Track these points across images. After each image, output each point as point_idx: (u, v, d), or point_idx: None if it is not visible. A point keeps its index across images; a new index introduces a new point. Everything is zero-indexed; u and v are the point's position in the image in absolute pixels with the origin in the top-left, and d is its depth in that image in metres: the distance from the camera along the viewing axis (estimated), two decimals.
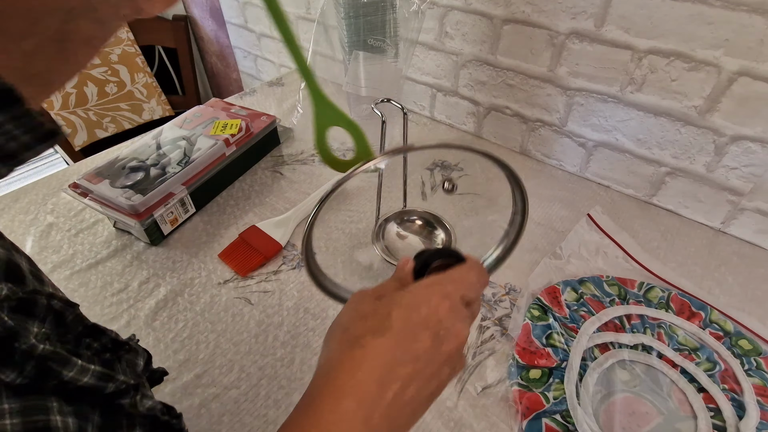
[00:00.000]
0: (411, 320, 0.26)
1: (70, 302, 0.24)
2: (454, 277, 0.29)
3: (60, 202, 0.71)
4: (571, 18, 0.61)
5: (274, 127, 0.80)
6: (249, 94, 1.01)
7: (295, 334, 0.51)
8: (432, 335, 0.26)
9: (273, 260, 0.60)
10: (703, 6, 0.51)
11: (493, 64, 0.74)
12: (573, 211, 0.66)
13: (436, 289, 0.28)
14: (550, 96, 0.70)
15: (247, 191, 0.72)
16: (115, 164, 0.65)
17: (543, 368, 0.46)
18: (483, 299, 0.54)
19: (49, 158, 2.29)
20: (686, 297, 0.52)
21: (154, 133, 0.72)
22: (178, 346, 0.50)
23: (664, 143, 0.62)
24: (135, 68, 1.38)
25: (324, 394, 0.24)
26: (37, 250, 0.62)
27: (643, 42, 0.57)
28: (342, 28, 0.64)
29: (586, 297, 0.52)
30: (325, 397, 0.24)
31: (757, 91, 0.51)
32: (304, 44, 1.20)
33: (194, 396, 0.45)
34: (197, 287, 0.57)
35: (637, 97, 0.61)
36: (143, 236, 0.62)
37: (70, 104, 1.28)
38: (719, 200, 0.61)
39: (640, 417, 0.42)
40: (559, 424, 0.41)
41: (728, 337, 0.48)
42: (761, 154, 0.55)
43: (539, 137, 0.75)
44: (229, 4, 1.23)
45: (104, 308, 0.54)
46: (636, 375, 0.45)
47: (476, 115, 0.82)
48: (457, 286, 0.29)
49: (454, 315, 0.27)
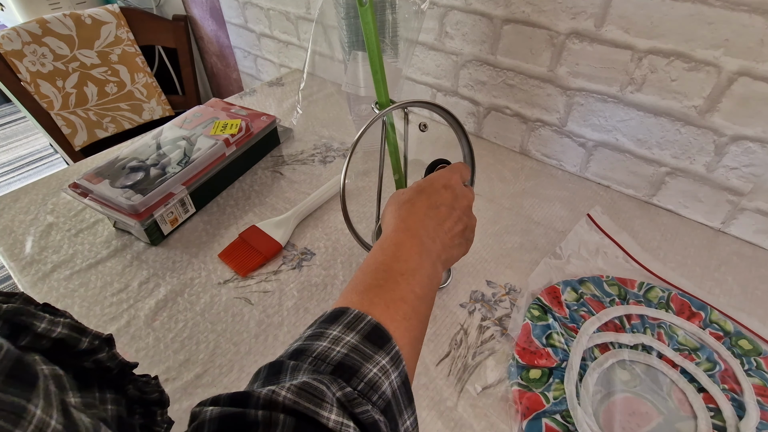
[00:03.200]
0: (435, 185, 0.40)
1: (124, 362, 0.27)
2: (452, 167, 0.44)
3: (60, 202, 0.71)
4: (571, 18, 0.61)
5: (274, 127, 0.80)
6: (249, 94, 1.01)
7: (295, 334, 0.51)
8: (450, 193, 0.40)
9: (273, 260, 0.60)
10: (703, 6, 0.51)
11: (493, 64, 0.74)
12: (573, 211, 0.66)
13: (443, 172, 0.42)
14: (550, 96, 0.70)
15: (247, 191, 0.72)
16: (115, 164, 0.65)
17: (543, 368, 0.46)
18: (483, 299, 0.54)
19: (49, 158, 2.29)
20: (686, 297, 0.52)
21: (154, 133, 0.72)
22: (178, 346, 0.50)
23: (664, 143, 0.62)
24: (135, 68, 1.38)
25: (397, 230, 0.36)
26: (37, 250, 0.62)
27: (643, 42, 0.57)
28: (342, 28, 0.64)
29: (586, 297, 0.52)
30: (398, 232, 0.36)
31: (757, 91, 0.51)
32: (304, 44, 1.21)
33: (194, 396, 0.45)
34: (197, 287, 0.57)
35: (637, 97, 0.61)
36: (143, 236, 0.62)
37: (70, 104, 1.28)
38: (719, 200, 0.61)
39: (640, 417, 0.42)
40: (559, 424, 0.41)
41: (728, 337, 0.48)
42: (761, 154, 0.55)
43: (539, 137, 0.75)
44: (229, 4, 1.23)
45: (104, 308, 0.54)
46: (636, 375, 0.45)
47: (476, 115, 0.82)
48: (454, 171, 0.43)
49: (459, 183, 0.42)
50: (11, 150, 2.34)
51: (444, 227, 0.38)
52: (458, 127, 0.47)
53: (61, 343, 0.23)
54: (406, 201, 0.39)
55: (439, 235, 0.37)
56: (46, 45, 1.22)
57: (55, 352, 0.23)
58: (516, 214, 0.66)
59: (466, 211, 0.41)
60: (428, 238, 0.36)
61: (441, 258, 0.37)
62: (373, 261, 0.33)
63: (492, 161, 0.78)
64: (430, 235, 0.36)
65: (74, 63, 1.27)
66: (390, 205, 0.40)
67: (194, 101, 1.48)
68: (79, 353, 0.24)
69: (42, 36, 1.21)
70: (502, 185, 0.72)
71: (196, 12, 1.41)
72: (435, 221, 0.37)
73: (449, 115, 0.46)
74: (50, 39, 1.22)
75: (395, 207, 0.39)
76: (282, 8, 1.06)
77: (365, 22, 0.39)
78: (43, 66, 1.22)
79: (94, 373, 0.25)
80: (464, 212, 0.40)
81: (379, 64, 0.42)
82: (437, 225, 0.37)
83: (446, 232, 0.38)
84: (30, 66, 1.20)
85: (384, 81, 0.43)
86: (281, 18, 1.09)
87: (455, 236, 0.39)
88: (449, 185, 0.40)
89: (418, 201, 0.38)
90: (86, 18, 1.27)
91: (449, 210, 0.39)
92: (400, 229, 0.36)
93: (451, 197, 0.39)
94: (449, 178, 0.41)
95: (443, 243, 0.37)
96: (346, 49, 0.66)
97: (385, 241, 0.35)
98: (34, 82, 1.20)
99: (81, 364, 0.24)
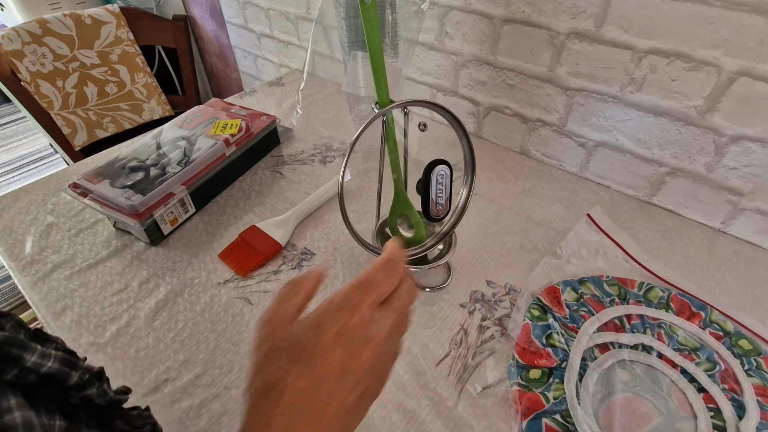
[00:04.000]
0: (322, 338, 0.26)
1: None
2: (372, 270, 0.29)
3: (60, 202, 0.71)
4: (571, 18, 0.61)
5: (274, 127, 0.80)
6: (249, 94, 1.01)
7: None
8: (343, 347, 0.26)
9: (273, 260, 0.60)
10: (703, 6, 0.51)
11: (493, 64, 0.74)
12: (573, 211, 0.66)
13: (346, 293, 0.28)
14: (550, 96, 0.70)
15: (247, 191, 0.72)
16: (115, 164, 0.65)
17: (543, 368, 0.46)
18: (483, 299, 0.54)
19: (49, 158, 2.29)
20: (686, 297, 0.52)
21: (154, 133, 0.72)
22: (178, 346, 0.50)
23: (664, 143, 0.62)
24: (135, 68, 1.38)
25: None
26: (37, 250, 0.62)
27: (643, 42, 0.57)
28: (342, 28, 0.64)
29: (586, 297, 0.52)
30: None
31: (757, 91, 0.51)
32: (304, 44, 1.20)
33: (194, 396, 0.45)
34: (197, 287, 0.57)
35: (637, 97, 0.61)
36: (143, 236, 0.62)
37: (70, 104, 1.28)
38: (719, 200, 0.61)
39: (640, 417, 0.42)
40: (559, 424, 0.41)
41: (728, 337, 0.48)
42: (761, 154, 0.55)
43: (539, 137, 0.75)
44: (229, 4, 1.23)
45: (104, 308, 0.54)
46: (636, 375, 0.45)
47: (476, 115, 0.82)
48: (367, 286, 0.28)
49: (368, 312, 0.27)
50: (11, 150, 2.34)
51: (330, 410, 0.24)
52: (458, 127, 0.47)
53: (49, 377, 0.22)
54: (270, 384, 0.25)
55: (327, 427, 0.24)
56: (46, 45, 1.22)
57: (42, 385, 0.21)
58: (516, 214, 0.66)
59: (372, 366, 0.26)
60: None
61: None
62: None
63: (492, 161, 0.78)
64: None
65: (74, 63, 1.27)
66: (252, 367, 0.26)
67: (194, 101, 1.48)
68: (68, 388, 0.23)
69: (42, 36, 1.21)
70: (502, 185, 0.72)
71: (196, 12, 1.41)
72: (319, 408, 0.24)
73: (449, 115, 0.45)
74: (50, 39, 1.22)
75: (254, 384, 0.25)
76: (282, 8, 1.06)
77: (367, 20, 0.39)
78: (43, 66, 1.22)
79: (81, 408, 0.24)
80: (366, 371, 0.26)
81: (381, 63, 0.42)
82: (321, 413, 0.24)
83: (335, 414, 0.25)
84: (30, 66, 1.20)
85: (385, 80, 0.43)
86: (281, 18, 1.09)
87: (350, 412, 0.25)
88: (344, 330, 0.26)
89: (291, 380, 0.24)
90: (86, 18, 1.27)
91: (339, 379, 0.25)
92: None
93: (343, 354, 0.25)
94: (351, 311, 0.27)
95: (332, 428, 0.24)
96: (346, 49, 0.66)
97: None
98: (34, 82, 1.21)
99: (68, 400, 0.23)
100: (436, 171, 0.47)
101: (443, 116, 0.46)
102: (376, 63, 0.42)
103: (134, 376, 0.47)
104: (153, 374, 0.47)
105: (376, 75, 0.43)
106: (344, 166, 0.42)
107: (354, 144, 0.42)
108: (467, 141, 0.48)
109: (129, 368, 0.48)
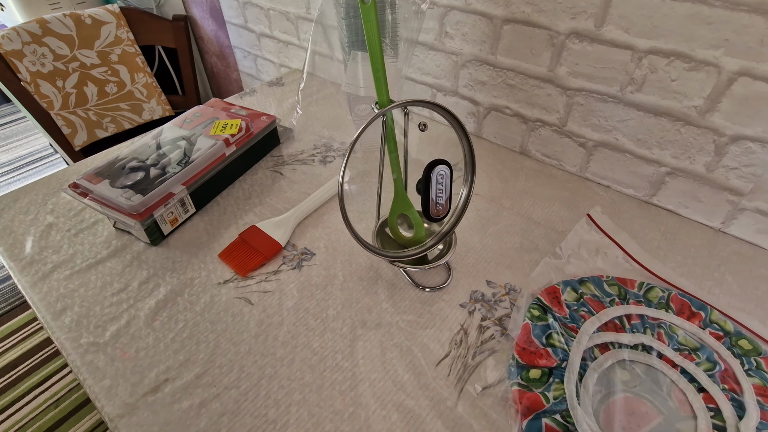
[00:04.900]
0: None
1: None
2: None
3: (60, 202, 0.71)
4: (571, 18, 0.61)
5: (274, 127, 0.80)
6: (249, 94, 1.01)
7: (295, 334, 0.51)
8: None
9: (273, 260, 0.60)
10: (703, 6, 0.51)
11: (493, 64, 0.74)
12: (573, 211, 0.66)
13: None
14: (550, 96, 0.70)
15: (247, 191, 0.72)
16: (115, 164, 0.65)
17: (543, 368, 0.46)
18: (483, 299, 0.54)
19: (49, 158, 2.29)
20: (686, 297, 0.52)
21: (154, 133, 0.72)
22: (178, 346, 0.50)
23: (664, 143, 0.62)
24: (135, 68, 1.38)
25: None
26: (37, 250, 0.62)
27: (643, 42, 0.57)
28: (342, 28, 0.64)
29: (586, 297, 0.52)
30: None
31: (757, 91, 0.51)
32: (304, 44, 1.21)
33: (194, 396, 0.45)
34: (197, 287, 0.57)
35: (637, 97, 0.61)
36: (143, 236, 0.62)
37: (70, 104, 1.28)
38: (719, 200, 0.61)
39: (640, 417, 0.42)
40: (559, 424, 0.41)
41: (728, 337, 0.48)
42: (761, 154, 0.55)
43: (539, 137, 0.75)
44: (229, 4, 1.23)
45: (104, 308, 0.54)
46: (636, 375, 0.45)
47: (476, 115, 0.82)
48: None
49: None
50: (11, 150, 2.34)
51: None
52: (458, 127, 0.47)
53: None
54: None
55: None
56: (46, 45, 1.22)
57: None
58: (516, 214, 0.66)
59: None
60: None
61: None
62: None
63: (492, 161, 0.78)
64: None
65: (74, 63, 1.27)
66: None
67: (194, 101, 1.48)
68: None
69: (42, 36, 1.21)
70: (502, 185, 0.72)
71: (196, 12, 1.41)
72: None
73: (449, 115, 0.45)
74: (50, 39, 1.22)
75: None
76: (282, 8, 1.06)
77: (367, 20, 0.39)
78: (43, 66, 1.22)
79: None
80: None
81: (381, 63, 0.42)
82: None
83: None
84: (30, 66, 1.20)
85: (385, 80, 0.43)
86: (281, 18, 1.09)
87: None
88: None
89: None
90: (86, 18, 1.27)
91: None
92: None
93: None
94: None
95: None
96: (346, 49, 0.66)
97: None
98: (34, 82, 1.21)
99: None
100: (436, 171, 0.47)
101: (443, 116, 0.46)
102: (376, 63, 0.42)
103: (134, 376, 0.47)
104: (153, 374, 0.47)
105: (376, 75, 0.43)
106: (344, 166, 0.42)
107: (354, 144, 0.42)
108: (467, 141, 0.48)
109: (129, 368, 0.48)
